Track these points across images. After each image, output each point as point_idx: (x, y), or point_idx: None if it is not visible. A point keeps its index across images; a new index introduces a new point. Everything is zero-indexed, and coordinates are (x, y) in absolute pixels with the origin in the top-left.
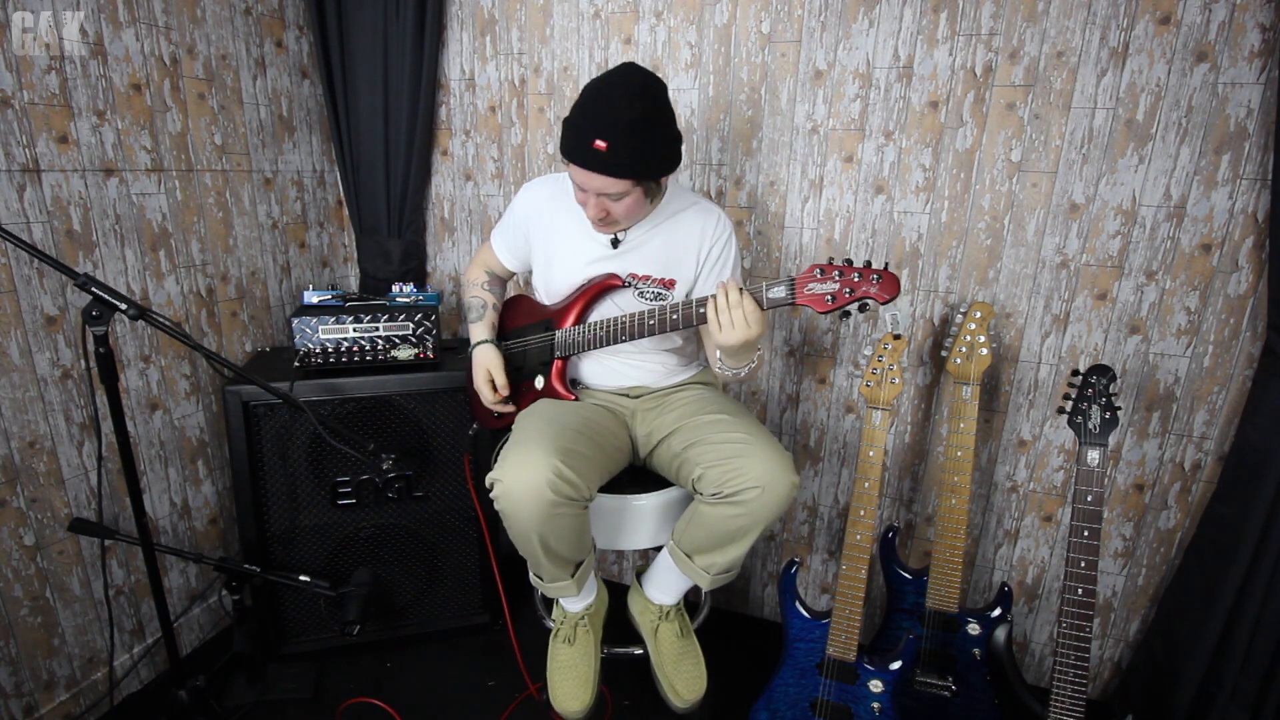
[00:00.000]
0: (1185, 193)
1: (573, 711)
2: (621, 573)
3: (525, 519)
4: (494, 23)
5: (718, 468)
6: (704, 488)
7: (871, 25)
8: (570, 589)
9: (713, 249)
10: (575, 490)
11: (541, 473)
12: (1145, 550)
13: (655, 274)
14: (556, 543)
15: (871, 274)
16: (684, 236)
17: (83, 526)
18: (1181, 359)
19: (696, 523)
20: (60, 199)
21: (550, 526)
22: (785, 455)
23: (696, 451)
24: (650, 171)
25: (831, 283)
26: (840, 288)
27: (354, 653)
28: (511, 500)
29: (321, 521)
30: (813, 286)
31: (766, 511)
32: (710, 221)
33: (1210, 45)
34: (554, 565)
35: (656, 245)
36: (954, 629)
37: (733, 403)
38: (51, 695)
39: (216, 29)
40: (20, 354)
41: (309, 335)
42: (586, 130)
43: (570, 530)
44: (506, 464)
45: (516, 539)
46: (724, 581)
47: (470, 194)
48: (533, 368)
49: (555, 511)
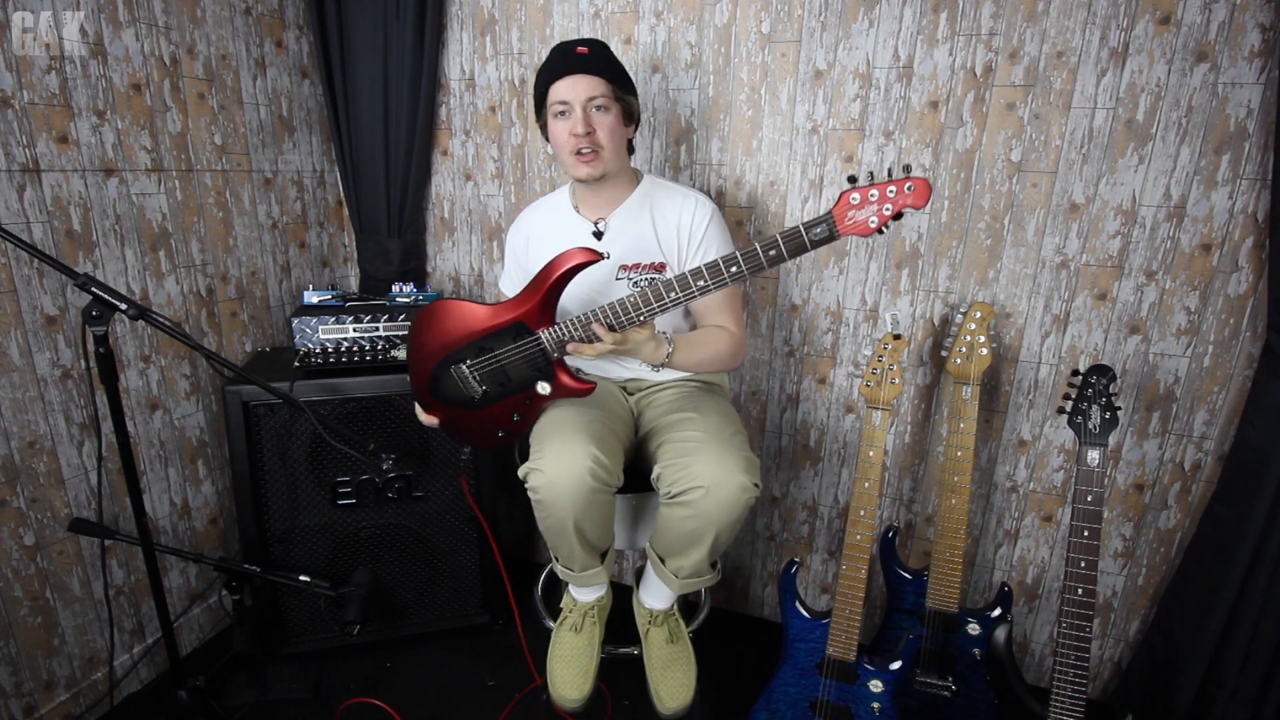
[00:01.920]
0: (1185, 193)
1: (571, 701)
2: (621, 573)
3: (564, 506)
4: (494, 23)
5: (671, 466)
6: (661, 486)
7: (871, 25)
8: (601, 575)
9: (693, 233)
10: (610, 475)
11: (582, 460)
12: (1145, 550)
13: (644, 260)
14: (591, 529)
15: (905, 183)
16: (665, 221)
17: (83, 526)
18: (1181, 359)
19: (661, 525)
20: (60, 199)
21: (587, 513)
22: (737, 456)
23: (660, 450)
24: (624, 79)
25: (870, 206)
26: (879, 207)
27: (354, 653)
28: (553, 489)
29: (321, 521)
30: (853, 215)
31: (715, 513)
32: (689, 206)
33: (1210, 45)
34: (586, 553)
35: (639, 232)
36: (954, 629)
37: (713, 401)
38: (51, 695)
39: (216, 29)
40: (20, 354)
41: (309, 335)
42: (568, 47)
43: (603, 516)
44: (546, 454)
45: (552, 529)
46: (695, 586)
47: (470, 194)
48: (523, 378)
49: (594, 498)
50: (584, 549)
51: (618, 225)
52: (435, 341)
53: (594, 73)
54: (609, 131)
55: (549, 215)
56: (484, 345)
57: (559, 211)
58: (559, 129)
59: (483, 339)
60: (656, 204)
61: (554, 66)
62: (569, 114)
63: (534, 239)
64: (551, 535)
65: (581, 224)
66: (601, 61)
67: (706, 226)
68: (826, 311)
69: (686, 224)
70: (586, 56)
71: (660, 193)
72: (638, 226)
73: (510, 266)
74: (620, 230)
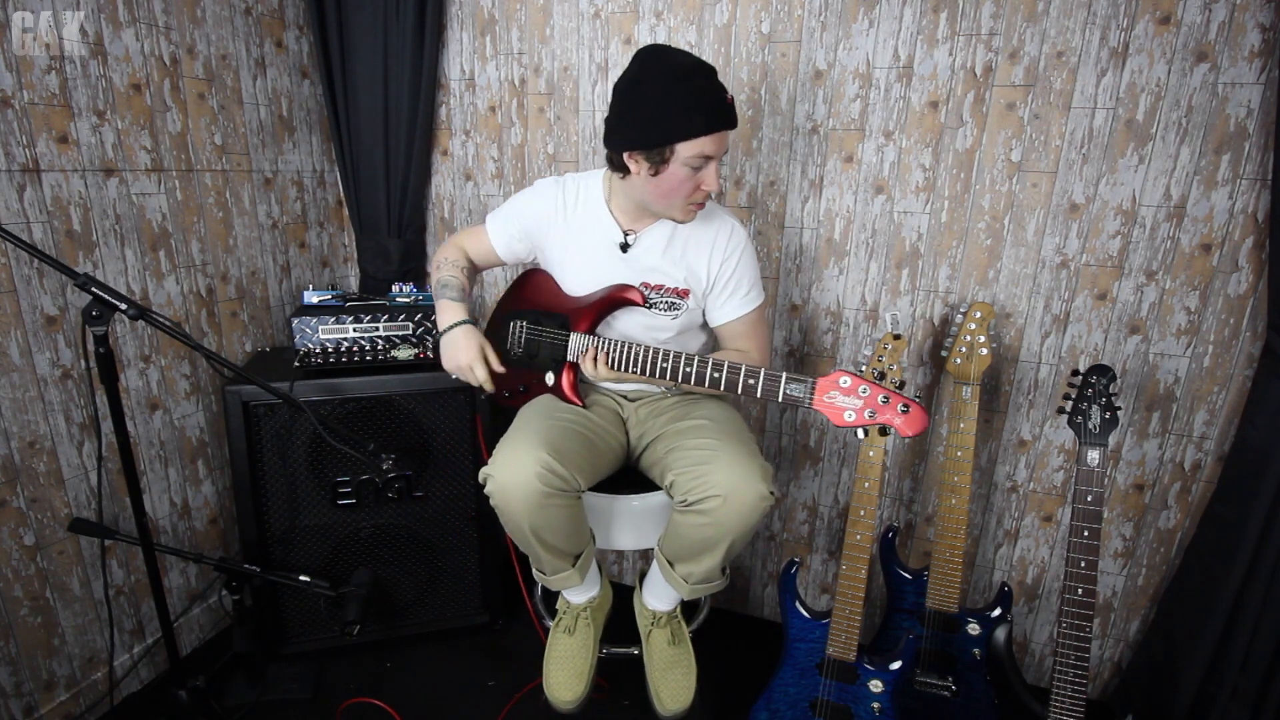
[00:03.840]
0: (1185, 193)
1: (564, 701)
2: (621, 573)
3: (518, 511)
4: (494, 23)
5: (686, 474)
6: (675, 494)
7: (871, 25)
8: (573, 578)
9: (726, 261)
10: (564, 481)
11: (529, 465)
12: (1145, 550)
13: (668, 283)
14: (550, 535)
15: (899, 402)
16: (696, 245)
17: (83, 526)
18: (1181, 359)
19: (672, 530)
20: (60, 199)
21: (542, 518)
22: (754, 465)
23: (672, 457)
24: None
25: (855, 399)
26: (863, 407)
27: (354, 653)
28: (503, 494)
29: (321, 521)
30: (833, 396)
31: (732, 522)
32: (724, 233)
33: (1210, 45)
34: (552, 556)
35: (668, 252)
36: (954, 629)
37: (725, 409)
38: (51, 695)
39: (216, 29)
40: (20, 354)
41: (309, 335)
42: (718, 93)
43: (563, 521)
44: (497, 459)
45: (512, 533)
46: (705, 591)
47: (470, 194)
48: (545, 361)
49: (546, 502)
50: (548, 552)
51: (648, 242)
52: (522, 295)
53: (733, 126)
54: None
55: (582, 207)
56: (540, 317)
57: (590, 207)
58: (684, 177)
59: (544, 312)
60: (692, 225)
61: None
62: (703, 168)
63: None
64: (514, 539)
65: (612, 229)
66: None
67: (739, 260)
68: (826, 311)
69: (720, 253)
70: (731, 108)
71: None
72: (668, 250)
73: (510, 214)
74: (648, 248)
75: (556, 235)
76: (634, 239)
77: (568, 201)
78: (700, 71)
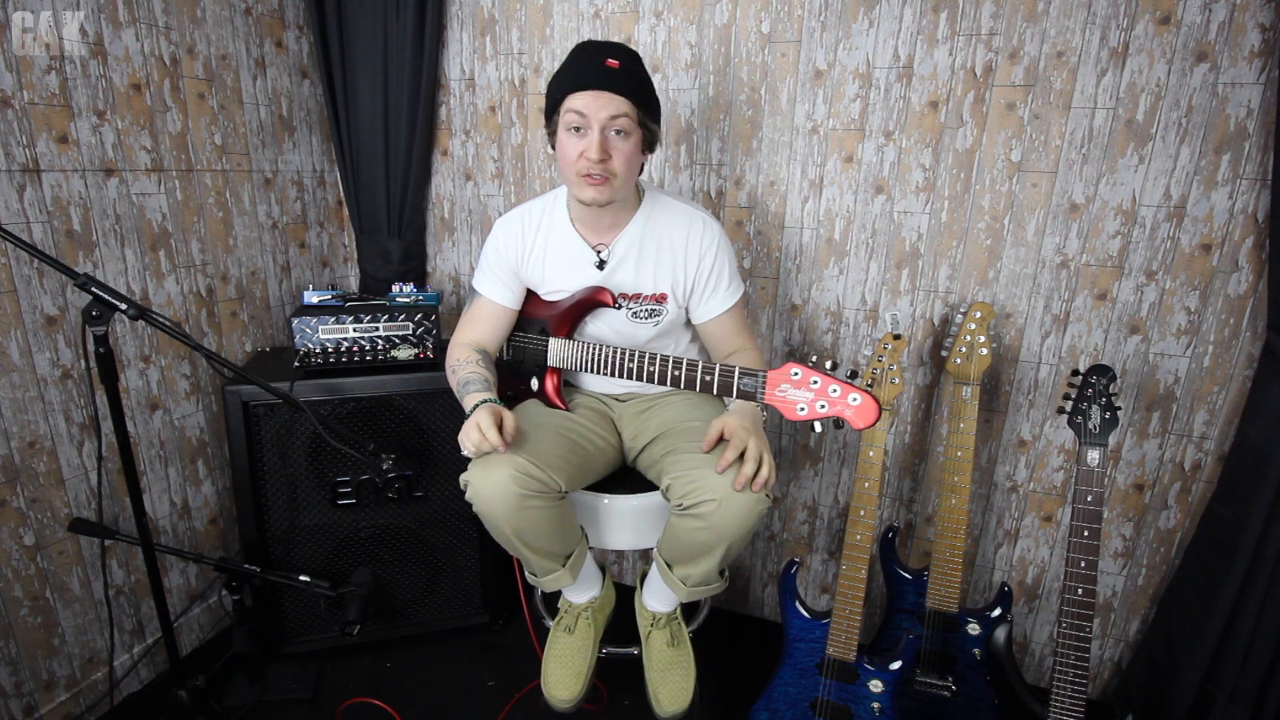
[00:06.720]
0: (1185, 193)
1: (561, 700)
2: (622, 573)
3: (497, 516)
4: (494, 23)
5: (682, 478)
6: (671, 497)
7: (871, 25)
8: (565, 578)
9: (702, 261)
10: (541, 484)
11: (504, 469)
12: (1145, 550)
13: (645, 290)
14: (534, 537)
15: (849, 393)
16: (670, 247)
17: (83, 526)
18: (1181, 359)
19: (669, 533)
20: (60, 199)
21: (523, 520)
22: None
23: (669, 460)
24: (652, 103)
25: (805, 391)
26: (814, 399)
27: (354, 653)
28: (481, 500)
29: (321, 521)
30: (785, 389)
31: (728, 526)
32: (696, 229)
33: (1210, 45)
34: (540, 558)
35: (642, 260)
36: (954, 629)
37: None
38: (51, 695)
39: (216, 29)
40: (20, 354)
41: (309, 335)
42: (597, 54)
43: (545, 523)
44: (473, 465)
45: (496, 537)
46: (703, 594)
47: (470, 194)
48: (529, 367)
49: (524, 505)
50: (535, 554)
51: (621, 253)
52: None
53: (621, 92)
54: (625, 160)
55: (547, 231)
56: (523, 323)
57: (556, 229)
58: (569, 144)
59: (525, 319)
60: (661, 229)
61: (577, 74)
62: (584, 131)
63: (533, 253)
64: (500, 543)
65: (583, 250)
66: (632, 79)
67: (715, 256)
68: (826, 312)
69: (695, 253)
70: (616, 72)
71: (663, 215)
72: (641, 258)
73: (492, 266)
74: (623, 260)
75: (534, 264)
76: (607, 253)
77: (529, 231)
78: (601, 48)
